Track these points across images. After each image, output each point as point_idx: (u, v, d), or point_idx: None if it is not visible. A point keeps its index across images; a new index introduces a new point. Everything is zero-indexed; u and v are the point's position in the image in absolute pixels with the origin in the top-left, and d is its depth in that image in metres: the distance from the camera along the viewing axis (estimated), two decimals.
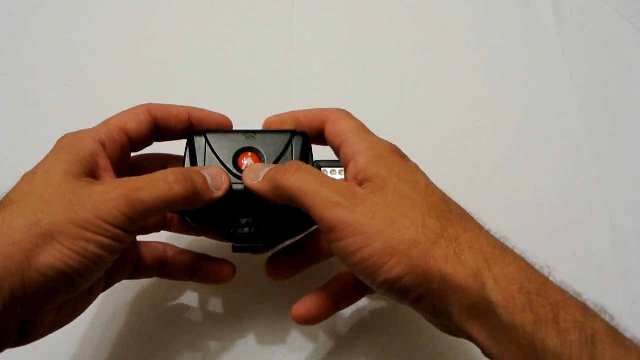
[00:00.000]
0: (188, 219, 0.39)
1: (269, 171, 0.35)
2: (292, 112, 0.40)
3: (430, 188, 0.34)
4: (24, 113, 0.55)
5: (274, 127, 0.40)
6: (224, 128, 0.40)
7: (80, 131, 0.36)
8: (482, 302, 0.29)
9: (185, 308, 0.45)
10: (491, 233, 0.32)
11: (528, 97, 0.58)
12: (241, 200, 0.37)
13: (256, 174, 0.36)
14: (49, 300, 0.31)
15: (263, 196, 0.35)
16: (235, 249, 0.39)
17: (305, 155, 0.38)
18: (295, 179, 0.33)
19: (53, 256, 0.29)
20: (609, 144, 0.55)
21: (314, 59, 0.60)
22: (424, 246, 0.30)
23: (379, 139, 0.37)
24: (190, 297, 0.46)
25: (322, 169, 0.50)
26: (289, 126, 0.40)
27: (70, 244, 0.30)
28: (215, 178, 0.36)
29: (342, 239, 0.32)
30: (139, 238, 0.40)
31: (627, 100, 0.58)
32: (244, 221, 0.37)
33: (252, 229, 0.37)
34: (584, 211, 0.51)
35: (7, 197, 0.32)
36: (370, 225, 0.31)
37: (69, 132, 0.54)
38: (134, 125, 0.37)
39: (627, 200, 0.52)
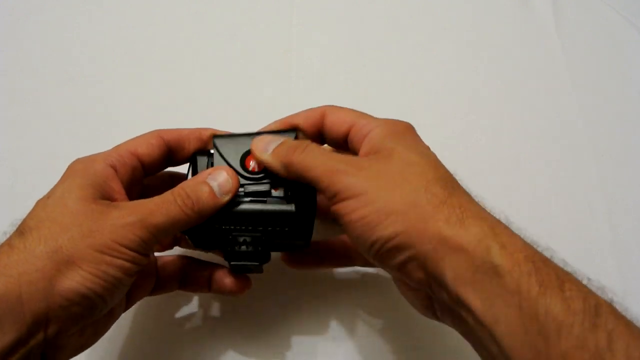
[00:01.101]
0: (190, 241, 0.39)
1: (278, 146, 0.36)
2: (281, 119, 0.40)
3: (439, 162, 0.35)
4: (24, 113, 0.55)
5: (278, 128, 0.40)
6: None
7: (92, 155, 0.36)
8: (485, 266, 0.29)
9: (188, 311, 0.45)
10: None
11: (528, 97, 0.58)
12: (239, 219, 0.37)
13: (265, 146, 0.37)
14: (71, 324, 0.32)
15: (272, 170, 0.36)
16: (233, 268, 0.39)
17: None
18: (304, 155, 0.34)
19: (76, 281, 0.30)
20: (609, 144, 0.55)
21: (314, 59, 0.60)
22: (425, 209, 0.31)
23: (389, 119, 0.37)
24: (193, 301, 0.46)
25: None
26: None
27: (91, 268, 0.31)
28: (222, 185, 0.36)
29: (343, 199, 0.32)
30: (156, 254, 0.40)
31: (627, 100, 0.58)
32: (241, 239, 0.37)
33: (250, 247, 0.37)
34: (584, 211, 0.51)
35: (25, 223, 0.32)
36: (372, 187, 0.32)
37: (69, 132, 0.54)
38: (145, 149, 0.37)
39: (627, 200, 0.52)
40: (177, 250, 0.43)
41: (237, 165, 0.38)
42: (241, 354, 0.44)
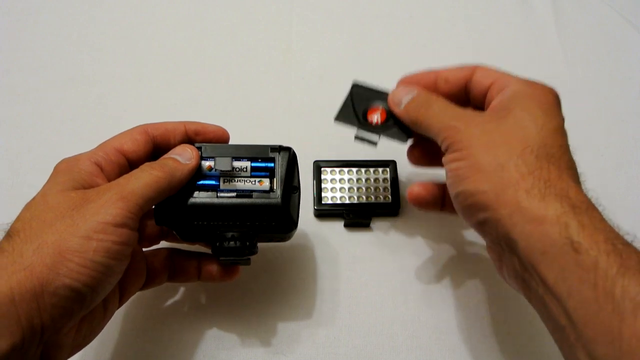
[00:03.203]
0: (177, 235, 0.40)
1: (409, 102, 0.40)
2: (431, 70, 0.42)
3: (556, 132, 0.34)
4: (24, 113, 0.55)
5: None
6: (221, 138, 0.41)
7: (77, 155, 0.37)
8: (561, 241, 0.29)
9: (183, 306, 0.46)
10: (587, 193, 0.33)
11: None
12: (226, 215, 0.37)
13: (399, 100, 0.41)
14: (65, 321, 0.31)
15: (406, 124, 0.41)
16: (222, 262, 0.39)
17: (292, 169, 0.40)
18: (428, 113, 0.38)
19: (63, 275, 0.30)
20: (609, 143, 0.55)
21: (314, 59, 0.60)
22: (509, 174, 0.32)
23: (534, 81, 0.38)
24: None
25: (322, 169, 0.51)
26: (428, 83, 0.41)
27: (78, 258, 0.30)
28: (182, 154, 0.37)
29: (450, 152, 0.36)
30: (144, 250, 0.40)
31: (627, 100, 0.58)
32: (229, 235, 0.37)
33: (238, 243, 0.37)
34: None
35: (12, 227, 0.32)
36: (474, 144, 0.34)
37: (69, 132, 0.54)
38: (130, 145, 0.37)
39: (627, 200, 0.52)
40: (163, 244, 0.43)
41: (359, 113, 0.43)
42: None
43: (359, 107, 0.43)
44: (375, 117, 0.43)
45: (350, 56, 0.60)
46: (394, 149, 0.53)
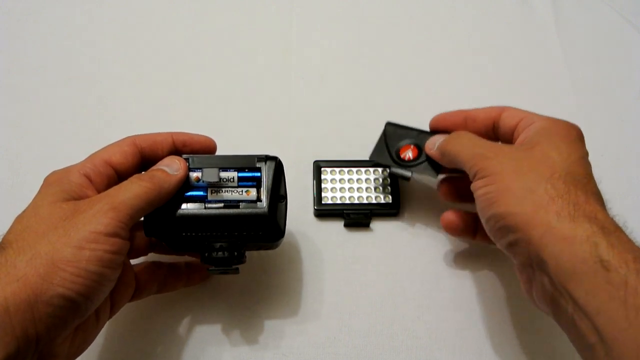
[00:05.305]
0: (166, 246, 0.40)
1: (441, 142, 0.43)
2: (464, 110, 0.44)
3: (580, 162, 0.36)
4: (24, 113, 0.55)
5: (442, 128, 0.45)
6: (208, 148, 0.41)
7: (67, 167, 0.37)
8: (591, 259, 0.30)
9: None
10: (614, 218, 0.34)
11: (528, 98, 0.58)
12: (214, 225, 0.38)
13: (433, 145, 0.44)
14: (59, 330, 0.31)
15: (437, 160, 0.44)
16: (211, 271, 0.39)
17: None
18: (455, 143, 0.41)
19: (58, 284, 0.30)
20: (609, 144, 0.55)
21: (314, 59, 0.60)
22: (539, 197, 0.33)
23: (559, 119, 0.40)
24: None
25: (322, 169, 0.51)
26: (457, 121, 0.44)
27: (72, 268, 0.31)
28: (170, 165, 0.38)
29: (478, 178, 0.37)
30: (132, 262, 0.41)
31: (626, 100, 0.58)
32: (217, 245, 0.38)
33: (226, 253, 0.38)
34: None
35: (4, 239, 0.32)
36: (502, 170, 0.36)
37: (69, 132, 0.54)
38: (119, 157, 0.38)
39: (627, 200, 0.52)
40: (152, 257, 0.43)
41: (393, 151, 0.46)
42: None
43: (392, 144, 0.47)
44: (408, 154, 0.46)
45: (350, 56, 0.60)
46: None
